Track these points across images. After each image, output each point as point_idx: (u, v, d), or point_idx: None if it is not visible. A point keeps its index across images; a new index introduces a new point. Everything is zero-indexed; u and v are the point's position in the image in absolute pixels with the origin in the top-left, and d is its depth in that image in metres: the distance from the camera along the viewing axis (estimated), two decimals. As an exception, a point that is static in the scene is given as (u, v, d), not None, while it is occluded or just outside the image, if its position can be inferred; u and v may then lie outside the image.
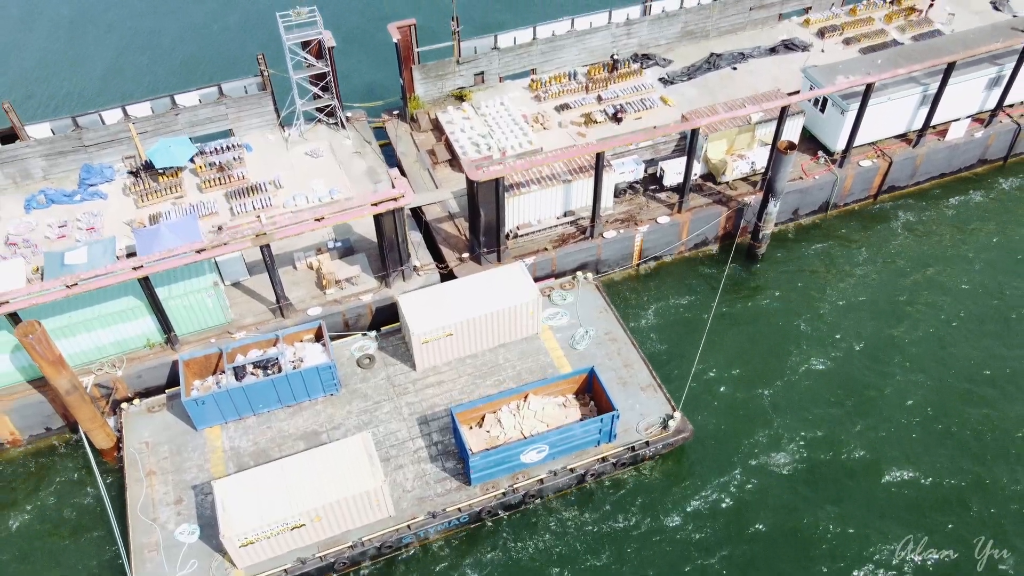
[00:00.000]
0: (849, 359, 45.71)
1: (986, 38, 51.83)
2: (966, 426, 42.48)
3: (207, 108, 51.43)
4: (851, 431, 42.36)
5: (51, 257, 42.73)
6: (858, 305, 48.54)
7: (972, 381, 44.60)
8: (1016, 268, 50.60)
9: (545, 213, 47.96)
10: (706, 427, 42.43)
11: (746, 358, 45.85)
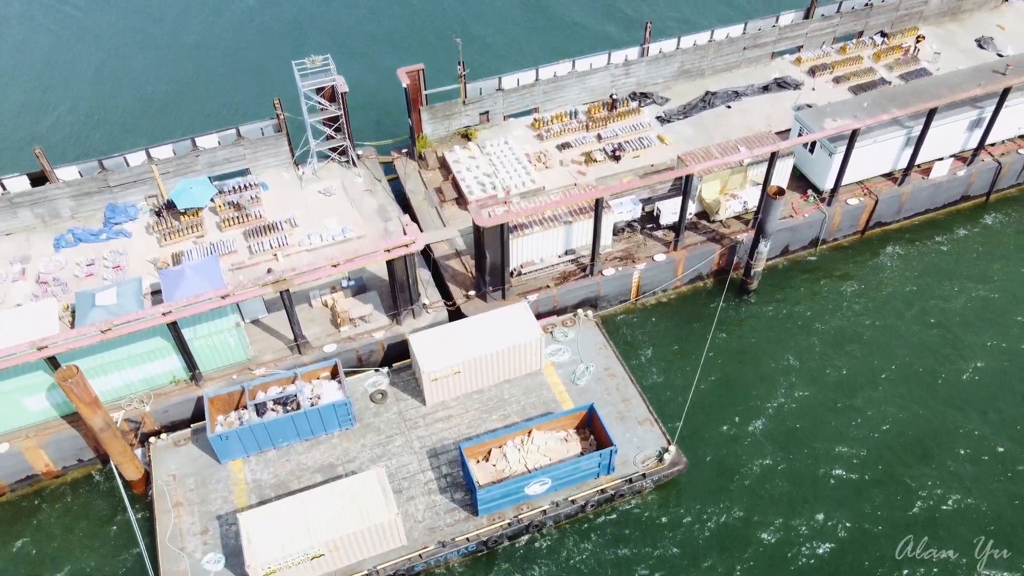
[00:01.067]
0: (836, 390, 48.28)
1: (968, 81, 54.30)
2: (953, 449, 44.99)
3: (226, 149, 54.05)
4: (840, 459, 44.90)
5: (83, 297, 45.34)
6: (846, 337, 51.12)
7: (956, 407, 47.18)
8: (1004, 300, 53.17)
9: (547, 252, 50.55)
10: (701, 457, 44.99)
11: (739, 390, 48.44)
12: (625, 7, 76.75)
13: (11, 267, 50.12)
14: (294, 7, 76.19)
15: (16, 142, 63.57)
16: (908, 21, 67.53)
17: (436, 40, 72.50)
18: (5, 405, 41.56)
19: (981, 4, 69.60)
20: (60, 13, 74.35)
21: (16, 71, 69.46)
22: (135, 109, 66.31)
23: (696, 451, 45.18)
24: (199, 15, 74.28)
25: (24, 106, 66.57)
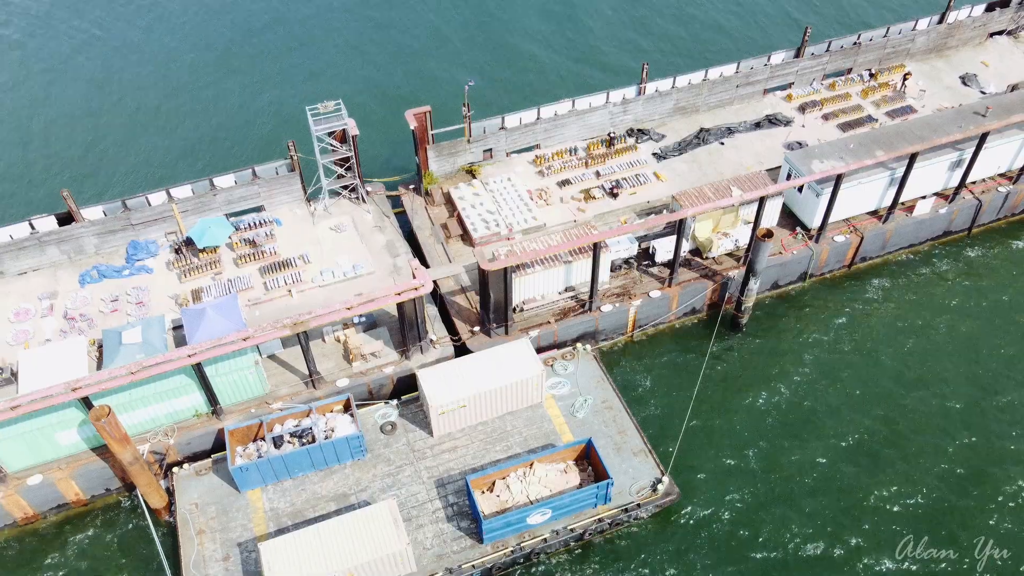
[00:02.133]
0: (826, 420, 50.99)
1: (949, 123, 56.96)
2: (944, 486, 47.78)
3: (242, 188, 56.74)
4: (830, 485, 47.59)
5: (110, 335, 48.03)
6: (835, 368, 53.82)
7: (944, 433, 49.91)
8: (987, 328, 56.02)
9: (548, 289, 53.25)
10: (694, 487, 47.69)
11: (732, 421, 51.14)
12: (624, 48, 79.37)
13: (40, 303, 52.82)
14: (307, 55, 78.98)
15: (43, 182, 66.39)
16: (896, 58, 70.20)
17: (443, 79, 75.10)
18: (39, 440, 44.29)
19: (966, 41, 72.28)
20: (82, 63, 77.25)
21: (40, 115, 72.37)
22: (157, 151, 69.18)
23: (689, 480, 47.87)
24: (214, 66, 77.14)
25: (47, 148, 69.38)
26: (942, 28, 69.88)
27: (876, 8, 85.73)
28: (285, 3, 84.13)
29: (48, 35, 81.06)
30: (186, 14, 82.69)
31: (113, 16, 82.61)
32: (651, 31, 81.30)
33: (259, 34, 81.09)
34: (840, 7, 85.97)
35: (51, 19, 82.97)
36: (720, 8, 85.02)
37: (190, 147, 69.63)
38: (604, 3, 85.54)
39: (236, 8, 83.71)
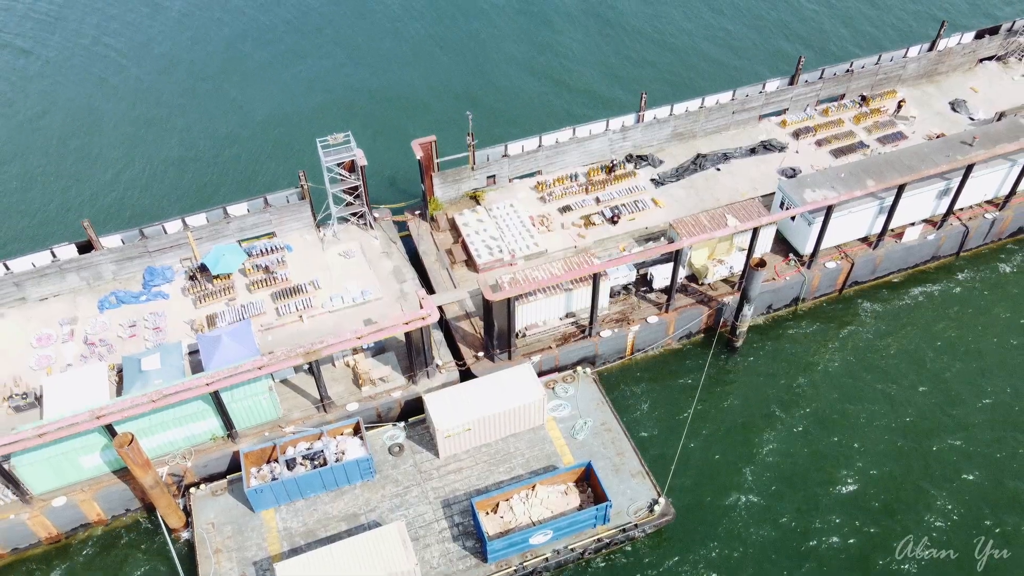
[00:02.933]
0: (818, 440, 53.04)
1: (937, 153, 58.93)
2: (927, 504, 49.80)
3: (254, 216, 58.84)
4: (821, 504, 49.64)
5: (129, 362, 50.15)
6: (827, 389, 55.90)
7: (933, 455, 51.99)
8: (973, 349, 58.12)
9: (550, 315, 55.31)
10: (690, 506, 49.74)
11: (726, 442, 53.21)
12: (622, 79, 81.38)
13: (61, 328, 54.92)
14: (317, 86, 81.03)
15: (61, 212, 68.72)
16: (887, 84, 72.21)
17: (447, 108, 76.92)
18: (64, 463, 46.41)
19: (956, 66, 74.28)
20: (103, 101, 79.38)
21: (63, 148, 74.68)
22: (173, 181, 71.49)
23: (685, 500, 49.92)
24: (227, 103, 79.18)
25: (68, 180, 71.71)
26: (932, 55, 71.88)
27: (868, 39, 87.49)
28: (298, 40, 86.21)
29: (68, 69, 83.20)
30: (201, 53, 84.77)
31: (131, 53, 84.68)
32: (647, 62, 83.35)
33: (270, 69, 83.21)
34: (831, 36, 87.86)
35: (71, 51, 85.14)
36: (716, 40, 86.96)
37: (204, 176, 71.74)
38: (601, 38, 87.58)
39: (248, 45, 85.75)
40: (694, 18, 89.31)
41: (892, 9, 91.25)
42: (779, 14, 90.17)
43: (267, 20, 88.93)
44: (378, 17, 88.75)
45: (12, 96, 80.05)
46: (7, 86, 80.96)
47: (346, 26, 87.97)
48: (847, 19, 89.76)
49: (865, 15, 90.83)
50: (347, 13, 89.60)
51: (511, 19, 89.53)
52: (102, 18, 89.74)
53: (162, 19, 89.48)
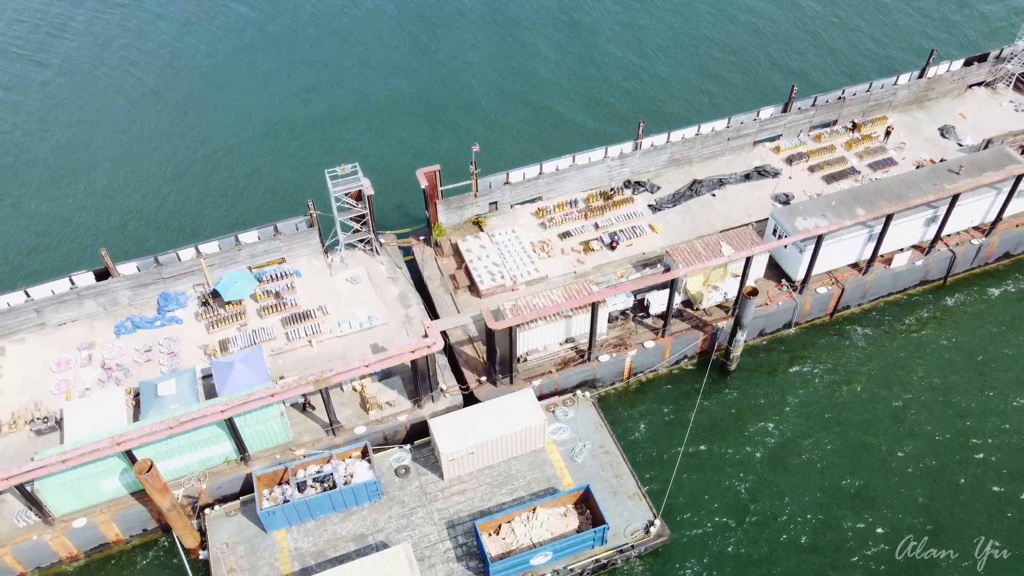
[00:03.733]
0: (810, 460, 55.02)
1: (925, 181, 61.00)
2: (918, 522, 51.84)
3: (264, 243, 60.92)
4: (816, 522, 51.59)
5: (146, 387, 52.23)
6: (818, 410, 57.90)
7: (920, 472, 53.92)
8: (960, 370, 60.22)
9: (550, 341, 57.36)
10: (684, 526, 51.74)
11: (721, 462, 55.22)
12: (619, 109, 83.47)
13: (79, 353, 57.00)
14: (327, 118, 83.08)
15: (79, 241, 70.92)
16: (878, 110, 74.24)
17: (452, 139, 79.01)
18: (85, 487, 48.47)
19: (946, 92, 76.31)
20: (124, 135, 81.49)
21: (84, 177, 76.77)
22: (186, 210, 73.64)
23: (680, 520, 51.93)
24: (243, 135, 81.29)
25: (88, 209, 73.96)
26: (923, 82, 73.90)
27: (859, 66, 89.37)
28: (307, 75, 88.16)
29: (89, 103, 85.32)
30: (215, 88, 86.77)
31: (148, 91, 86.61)
32: (643, 94, 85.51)
33: (281, 99, 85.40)
34: (821, 67, 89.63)
35: (90, 85, 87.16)
36: (710, 72, 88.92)
37: (217, 205, 73.89)
38: (600, 71, 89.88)
39: (259, 81, 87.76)
40: (690, 51, 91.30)
41: (881, 40, 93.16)
42: (771, 48, 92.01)
43: (280, 56, 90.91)
44: (384, 55, 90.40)
45: (34, 130, 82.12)
46: (32, 122, 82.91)
47: (354, 62, 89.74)
48: (835, 50, 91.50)
49: (854, 46, 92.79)
50: (355, 49, 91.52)
51: (513, 53, 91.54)
52: (125, 52, 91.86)
53: (184, 57, 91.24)
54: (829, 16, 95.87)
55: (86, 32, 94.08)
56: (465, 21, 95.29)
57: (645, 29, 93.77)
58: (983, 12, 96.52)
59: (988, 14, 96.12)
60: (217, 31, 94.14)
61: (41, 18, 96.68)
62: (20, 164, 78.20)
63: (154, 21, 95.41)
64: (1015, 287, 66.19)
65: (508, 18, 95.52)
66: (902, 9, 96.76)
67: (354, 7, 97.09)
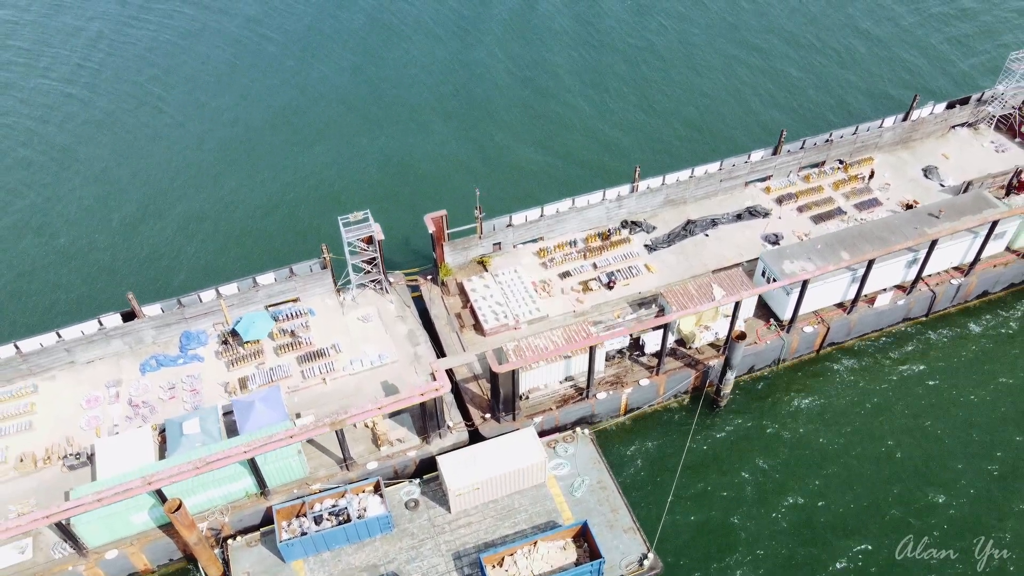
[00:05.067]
0: (799, 491, 58.37)
1: (907, 224, 64.41)
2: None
3: (280, 284, 64.45)
4: (805, 553, 54.96)
5: (172, 426, 55.73)
6: (806, 442, 61.32)
7: (905, 505, 57.23)
8: (943, 403, 63.63)
9: (550, 379, 60.84)
10: (678, 557, 55.15)
11: (712, 494, 58.65)
12: (615, 153, 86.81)
13: (108, 390, 60.53)
14: (337, 163, 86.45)
15: (106, 283, 74.41)
16: (865, 151, 77.68)
17: (457, 183, 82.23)
18: (116, 521, 51.99)
19: (929, 133, 79.71)
20: (140, 180, 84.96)
21: (108, 223, 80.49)
22: (208, 253, 77.18)
23: (672, 553, 55.32)
24: (260, 184, 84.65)
25: (114, 252, 77.61)
26: (907, 125, 77.31)
27: (844, 112, 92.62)
28: (317, 124, 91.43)
29: (108, 153, 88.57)
30: (231, 139, 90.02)
31: (162, 136, 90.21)
32: (639, 138, 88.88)
33: (292, 146, 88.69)
34: (812, 107, 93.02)
35: (109, 138, 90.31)
36: (703, 113, 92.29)
37: (235, 248, 77.37)
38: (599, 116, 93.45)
39: (275, 127, 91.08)
40: (685, 95, 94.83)
41: (869, 79, 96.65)
42: (763, 89, 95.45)
43: (295, 104, 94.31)
44: (394, 105, 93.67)
45: (59, 172, 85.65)
46: (55, 164, 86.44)
47: (364, 111, 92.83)
48: (827, 90, 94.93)
49: (843, 85, 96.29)
50: (364, 99, 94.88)
51: (515, 102, 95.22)
52: (150, 96, 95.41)
53: (201, 104, 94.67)
54: (814, 62, 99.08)
55: (111, 76, 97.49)
56: (469, 75, 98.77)
57: (642, 77, 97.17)
58: (967, 53, 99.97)
59: (973, 54, 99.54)
60: (236, 74, 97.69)
61: (64, 60, 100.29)
62: (49, 202, 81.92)
63: (174, 66, 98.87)
64: (994, 322, 69.59)
65: (515, 71, 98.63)
66: (888, 53, 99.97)
67: (365, 59, 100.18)
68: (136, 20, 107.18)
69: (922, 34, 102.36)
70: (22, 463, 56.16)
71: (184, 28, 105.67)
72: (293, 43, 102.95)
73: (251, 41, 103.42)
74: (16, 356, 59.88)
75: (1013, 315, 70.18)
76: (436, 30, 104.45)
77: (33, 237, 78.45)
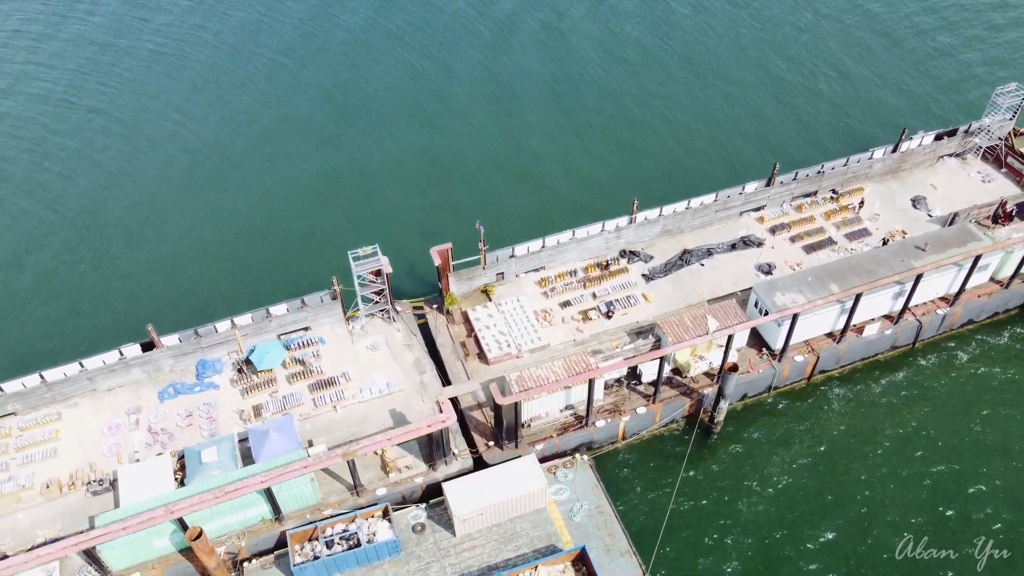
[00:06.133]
0: (792, 515, 61.09)
1: (894, 257, 67.04)
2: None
3: (292, 315, 67.25)
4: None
5: (191, 454, 58.50)
6: (798, 467, 64.01)
7: (898, 522, 59.79)
8: (930, 427, 66.33)
9: (551, 408, 63.59)
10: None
11: (706, 517, 61.39)
12: (611, 188, 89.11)
13: (128, 418, 63.35)
14: (348, 209, 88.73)
15: (127, 314, 77.18)
16: (856, 181, 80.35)
17: (464, 215, 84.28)
18: (139, 546, 54.81)
19: (919, 163, 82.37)
20: (159, 220, 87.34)
21: (129, 258, 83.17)
22: (224, 286, 79.71)
23: (668, 575, 58.08)
24: (276, 217, 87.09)
25: (136, 285, 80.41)
26: (896, 156, 79.97)
27: (840, 141, 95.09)
28: (328, 157, 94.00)
29: (127, 189, 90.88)
30: (244, 175, 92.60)
31: (179, 172, 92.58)
32: (637, 172, 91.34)
33: (305, 179, 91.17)
34: (800, 143, 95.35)
35: (124, 173, 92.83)
36: (696, 149, 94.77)
37: (250, 282, 79.84)
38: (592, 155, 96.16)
39: (281, 165, 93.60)
40: (680, 131, 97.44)
41: (860, 113, 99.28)
42: (755, 124, 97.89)
43: (306, 139, 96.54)
44: (403, 141, 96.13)
45: (83, 209, 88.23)
46: (77, 200, 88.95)
47: (374, 148, 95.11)
48: (814, 125, 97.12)
49: (834, 118, 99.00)
50: (367, 134, 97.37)
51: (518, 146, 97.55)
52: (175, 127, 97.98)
53: (210, 141, 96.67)
54: (806, 93, 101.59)
55: (129, 125, 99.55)
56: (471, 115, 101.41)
57: (638, 112, 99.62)
58: (956, 82, 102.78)
59: (960, 87, 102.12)
60: (246, 112, 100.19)
61: (74, 101, 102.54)
62: (77, 236, 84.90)
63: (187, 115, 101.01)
64: (979, 350, 72.29)
65: (507, 112, 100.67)
66: (878, 84, 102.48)
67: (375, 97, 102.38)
68: (147, 64, 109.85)
69: (911, 68, 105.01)
70: (48, 489, 59.00)
71: (223, 73, 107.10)
72: (307, 77, 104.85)
73: (272, 75, 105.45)
74: (41, 385, 62.68)
75: (998, 342, 72.84)
76: (455, 70, 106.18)
77: (66, 270, 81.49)
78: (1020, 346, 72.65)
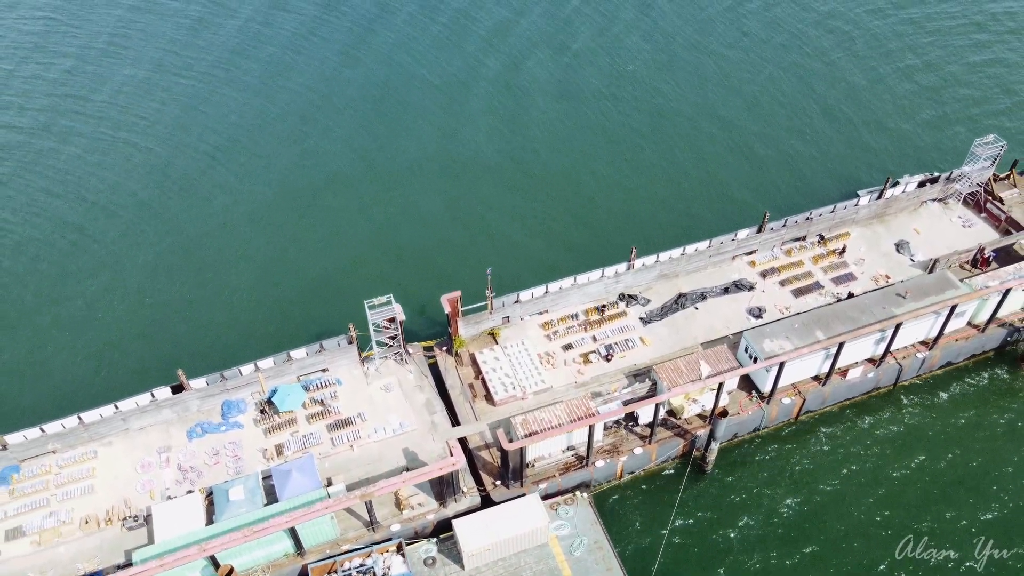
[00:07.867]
0: (782, 546, 65.46)
1: (876, 304, 71.47)
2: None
3: (311, 357, 71.86)
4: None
5: (219, 492, 63.04)
6: (785, 502, 68.41)
7: (884, 554, 63.89)
8: (912, 462, 70.65)
9: (554, 449, 68.07)
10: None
11: (700, 551, 65.79)
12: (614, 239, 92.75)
13: (159, 456, 67.97)
14: (359, 247, 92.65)
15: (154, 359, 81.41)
16: (843, 226, 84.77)
17: (470, 264, 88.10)
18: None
19: (903, 208, 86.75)
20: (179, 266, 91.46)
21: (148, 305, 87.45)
22: (244, 333, 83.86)
23: (660, 607, 62.67)
24: (293, 272, 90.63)
25: (159, 332, 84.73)
26: (881, 202, 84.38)
27: (830, 186, 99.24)
28: (340, 210, 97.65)
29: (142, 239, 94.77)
30: (261, 225, 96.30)
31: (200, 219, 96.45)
32: (634, 220, 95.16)
33: (318, 230, 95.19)
34: (789, 190, 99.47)
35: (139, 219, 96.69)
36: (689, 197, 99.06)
37: (270, 330, 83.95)
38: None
39: (297, 214, 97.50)
40: (673, 180, 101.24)
41: (850, 156, 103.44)
42: (751, 170, 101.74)
43: (315, 190, 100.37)
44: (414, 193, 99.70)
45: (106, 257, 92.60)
46: (97, 246, 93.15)
47: (383, 200, 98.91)
48: (804, 169, 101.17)
49: (822, 164, 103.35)
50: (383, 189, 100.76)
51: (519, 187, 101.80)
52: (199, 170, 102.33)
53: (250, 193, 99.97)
54: (795, 135, 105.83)
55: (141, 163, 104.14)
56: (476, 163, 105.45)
57: (634, 160, 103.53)
58: (938, 127, 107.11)
59: (943, 135, 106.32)
60: (278, 154, 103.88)
61: (93, 138, 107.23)
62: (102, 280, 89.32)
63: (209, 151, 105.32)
64: (958, 389, 76.63)
65: (511, 158, 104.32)
66: (869, 130, 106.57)
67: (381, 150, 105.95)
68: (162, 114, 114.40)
69: (894, 111, 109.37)
70: (87, 524, 63.61)
71: (240, 113, 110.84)
72: (334, 138, 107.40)
73: (300, 136, 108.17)
74: (79, 426, 67.33)
75: (976, 382, 77.15)
76: (466, 118, 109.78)
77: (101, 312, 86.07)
78: (996, 385, 76.98)
